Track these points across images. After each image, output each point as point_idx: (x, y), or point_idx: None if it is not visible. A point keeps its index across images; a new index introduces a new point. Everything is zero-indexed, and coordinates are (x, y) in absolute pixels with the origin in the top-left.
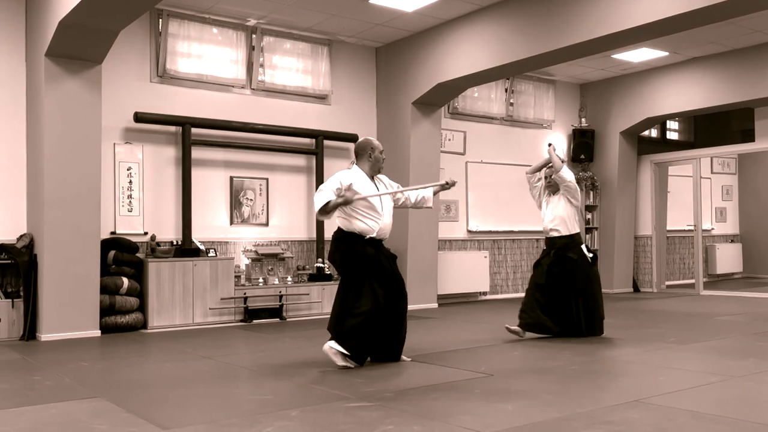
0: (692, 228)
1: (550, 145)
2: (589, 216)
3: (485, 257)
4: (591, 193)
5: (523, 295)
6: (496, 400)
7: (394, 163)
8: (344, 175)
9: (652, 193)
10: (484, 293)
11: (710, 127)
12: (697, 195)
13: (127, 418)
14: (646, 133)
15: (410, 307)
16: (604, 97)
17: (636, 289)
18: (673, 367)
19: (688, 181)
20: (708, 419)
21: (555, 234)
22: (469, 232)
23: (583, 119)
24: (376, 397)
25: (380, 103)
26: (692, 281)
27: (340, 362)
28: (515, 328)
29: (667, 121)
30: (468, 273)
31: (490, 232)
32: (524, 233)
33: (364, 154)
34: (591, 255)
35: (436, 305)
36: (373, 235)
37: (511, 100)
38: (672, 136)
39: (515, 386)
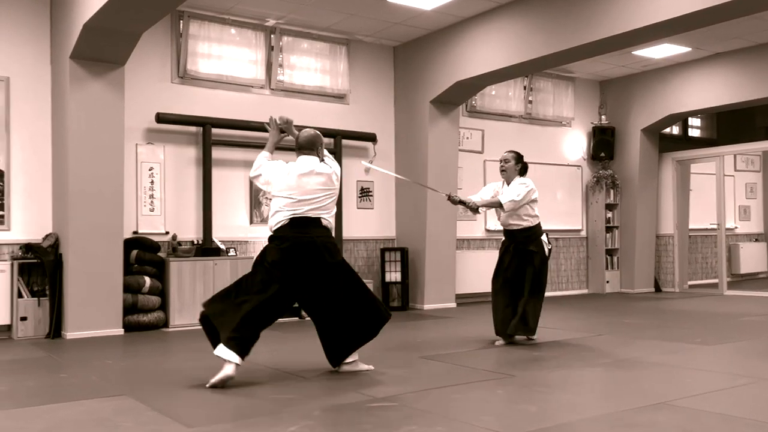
0: (715, 227)
1: (461, 202)
2: (609, 215)
3: None
4: (611, 191)
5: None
6: (519, 401)
7: (412, 163)
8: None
9: (674, 191)
10: None
11: (733, 124)
12: (721, 193)
13: (151, 416)
14: (668, 130)
15: (429, 306)
16: (624, 94)
17: (657, 289)
18: (699, 369)
19: (711, 178)
20: (737, 422)
21: (515, 227)
22: (488, 231)
23: (603, 117)
24: (398, 397)
25: (398, 102)
26: (715, 281)
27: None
28: (501, 341)
29: (689, 118)
30: (487, 272)
31: None
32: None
33: (313, 148)
34: (549, 247)
35: (454, 305)
36: None
37: (530, 98)
38: (694, 133)
39: (537, 387)
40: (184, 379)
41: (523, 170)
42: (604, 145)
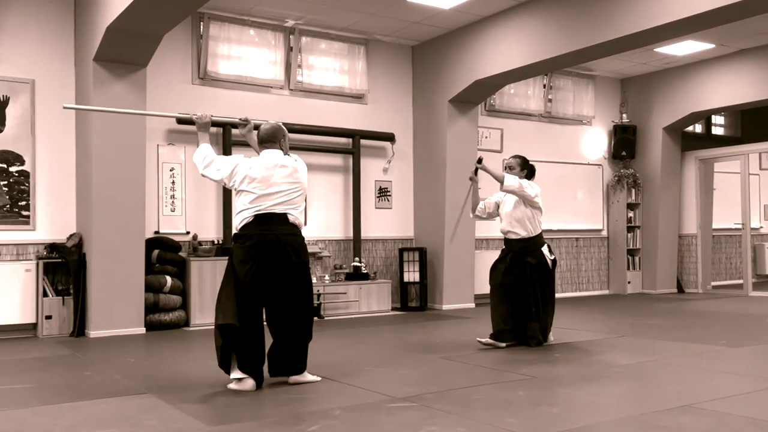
0: (740, 226)
1: (479, 161)
2: (631, 214)
3: None
4: (633, 190)
5: (561, 295)
6: (541, 402)
7: (431, 162)
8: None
9: (697, 190)
10: None
11: (758, 122)
12: (745, 192)
13: (174, 415)
14: (691, 128)
15: (448, 306)
16: (646, 92)
17: (680, 289)
18: (725, 371)
19: (735, 177)
20: (766, 426)
21: (513, 236)
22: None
23: (624, 115)
24: (419, 398)
25: (416, 101)
26: (740, 282)
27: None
28: (487, 340)
29: (713, 116)
30: None
31: None
32: (563, 232)
33: (275, 140)
34: (552, 258)
35: (473, 305)
36: None
37: (550, 96)
38: (717, 131)
39: (559, 389)
40: (205, 378)
41: (529, 175)
42: (625, 143)
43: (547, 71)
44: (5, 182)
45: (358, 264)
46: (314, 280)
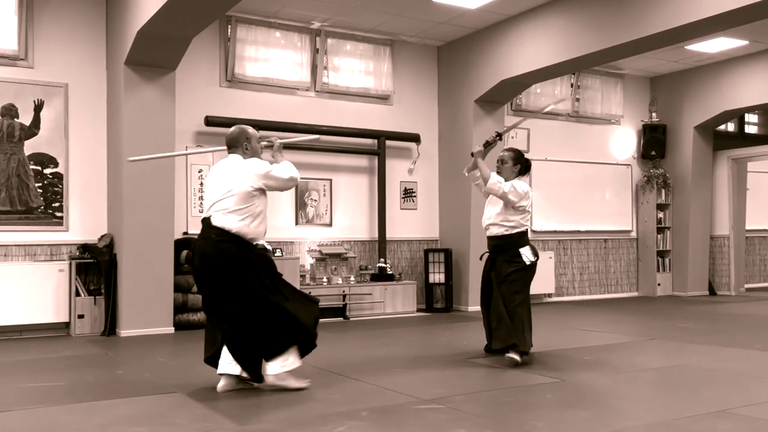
0: None
1: (472, 153)
2: (660, 215)
3: (550, 258)
4: (663, 191)
5: (589, 297)
6: (570, 406)
7: (456, 162)
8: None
9: (730, 190)
10: (549, 295)
11: None
12: None
13: (204, 414)
14: (723, 127)
15: (473, 308)
16: (676, 91)
17: (712, 292)
18: (761, 376)
19: None
20: None
21: (492, 232)
22: (534, 231)
23: (653, 114)
24: (446, 400)
25: (442, 101)
26: None
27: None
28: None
29: (746, 114)
30: None
31: (555, 231)
32: (591, 233)
33: (239, 144)
34: (532, 261)
35: None
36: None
37: (577, 96)
38: (751, 129)
39: (589, 392)
40: None
41: (522, 171)
42: (654, 143)
43: (575, 70)
44: (40, 184)
45: (384, 265)
46: (339, 281)
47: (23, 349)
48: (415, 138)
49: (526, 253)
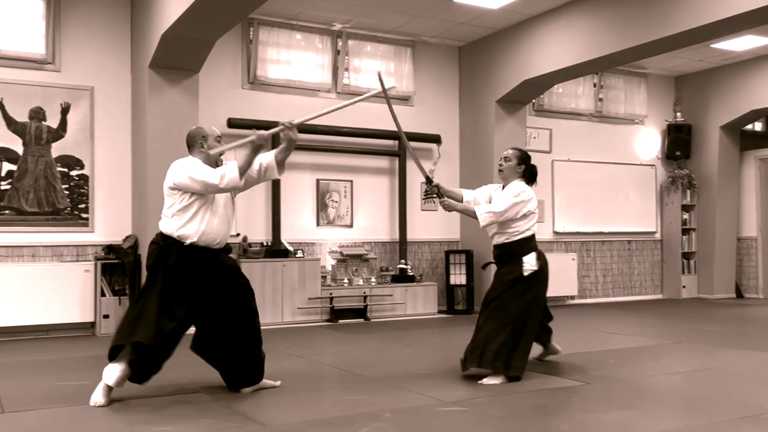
0: None
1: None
2: (686, 216)
3: (573, 259)
4: (688, 191)
5: (613, 299)
6: (596, 409)
7: (478, 163)
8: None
9: (757, 191)
10: (572, 297)
11: None
12: None
13: (228, 414)
14: (750, 126)
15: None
16: (701, 90)
17: (739, 294)
18: None
19: None
20: None
21: (495, 241)
22: (556, 233)
23: (678, 114)
24: (469, 402)
25: (463, 102)
26: None
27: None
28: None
29: None
30: (555, 276)
31: (578, 233)
32: (615, 234)
33: (194, 144)
34: (536, 267)
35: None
36: (192, 241)
37: (600, 95)
38: None
39: (615, 396)
40: None
41: (527, 175)
42: (679, 143)
43: (599, 70)
44: (66, 186)
45: (404, 266)
46: (360, 282)
47: (50, 349)
48: (436, 139)
49: (529, 261)
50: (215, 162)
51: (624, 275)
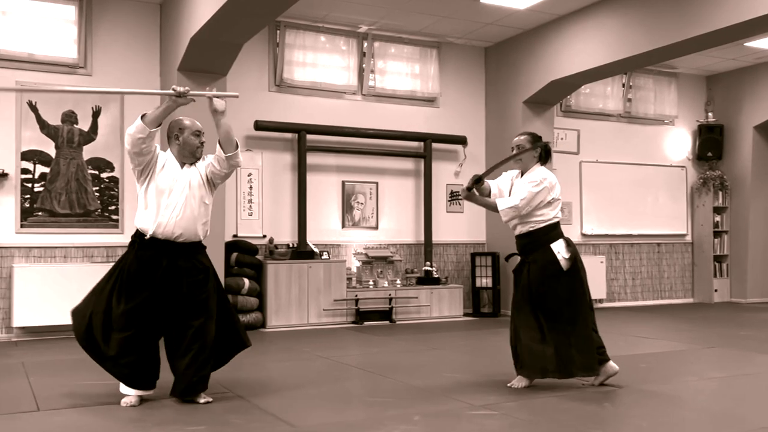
0: None
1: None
2: (717, 218)
3: (601, 262)
4: (720, 193)
5: (642, 303)
6: (629, 415)
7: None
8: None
9: None
10: (600, 300)
11: None
12: None
13: (258, 415)
14: None
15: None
16: (734, 89)
17: None
18: None
19: None
20: None
21: (517, 231)
22: (584, 235)
23: (710, 114)
24: (499, 406)
25: (489, 103)
26: None
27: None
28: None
29: None
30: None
31: (606, 235)
32: (644, 237)
33: (170, 136)
34: (568, 255)
35: None
36: (151, 234)
37: (629, 96)
38: None
39: (647, 401)
40: (284, 379)
41: (542, 157)
42: (711, 144)
43: (628, 70)
44: (97, 188)
45: (430, 268)
46: (385, 284)
47: (80, 348)
48: (461, 140)
49: (559, 249)
50: (192, 154)
51: (653, 278)
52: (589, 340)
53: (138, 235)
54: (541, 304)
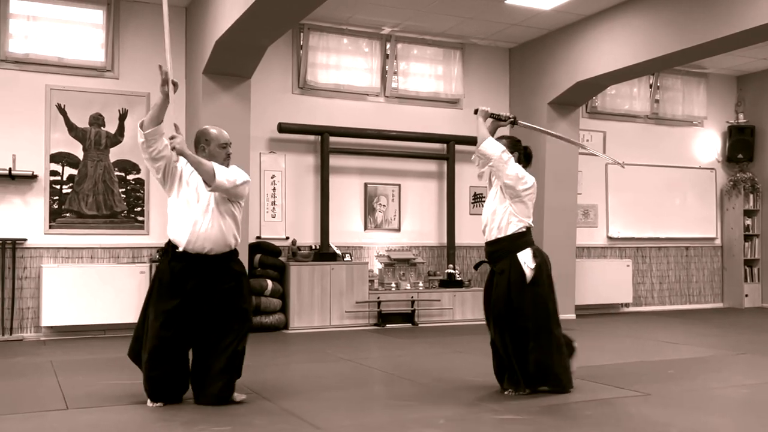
0: None
1: (476, 111)
2: (748, 222)
3: (628, 266)
4: (751, 196)
5: (669, 307)
6: (657, 421)
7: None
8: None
9: None
10: (627, 305)
11: None
12: None
13: (282, 416)
14: None
15: None
16: (766, 90)
17: None
18: None
19: None
20: None
21: (487, 237)
22: (610, 238)
23: (740, 115)
24: (525, 410)
25: (513, 104)
26: None
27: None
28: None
29: None
30: (608, 283)
31: (632, 239)
32: (672, 240)
33: (197, 146)
34: (533, 265)
35: (573, 316)
36: (182, 248)
37: (657, 97)
38: None
39: (676, 408)
40: (307, 381)
41: (521, 161)
42: (742, 145)
43: (656, 70)
44: (123, 190)
45: (452, 271)
46: (407, 287)
47: (107, 348)
48: None
49: (525, 259)
50: (222, 161)
51: (681, 282)
52: (549, 354)
53: (170, 246)
54: (509, 318)
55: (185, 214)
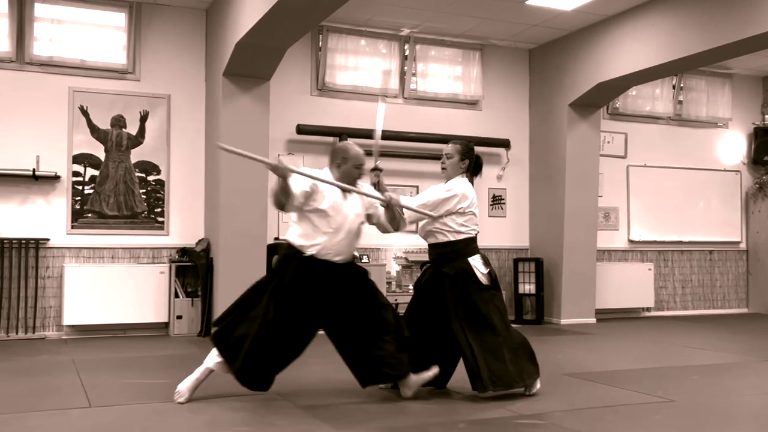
0: None
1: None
2: None
3: (649, 269)
4: None
5: (692, 312)
6: (681, 428)
7: (548, 169)
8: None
9: None
10: (648, 309)
11: None
12: None
13: (303, 417)
14: None
15: (566, 321)
16: None
17: None
18: None
19: None
20: None
21: (431, 240)
22: (631, 241)
23: (766, 116)
24: (547, 415)
25: (533, 106)
26: None
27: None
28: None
29: None
30: (630, 286)
31: (654, 242)
32: (695, 244)
33: (333, 160)
34: (485, 271)
35: (594, 320)
36: (313, 252)
37: (680, 98)
38: None
39: (702, 415)
40: (327, 382)
41: (471, 169)
42: (767, 147)
43: (679, 71)
44: (144, 190)
45: None
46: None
47: (128, 347)
48: (504, 144)
49: (476, 263)
50: (350, 182)
51: (705, 287)
52: (500, 353)
53: (295, 251)
54: (463, 317)
55: (320, 223)
